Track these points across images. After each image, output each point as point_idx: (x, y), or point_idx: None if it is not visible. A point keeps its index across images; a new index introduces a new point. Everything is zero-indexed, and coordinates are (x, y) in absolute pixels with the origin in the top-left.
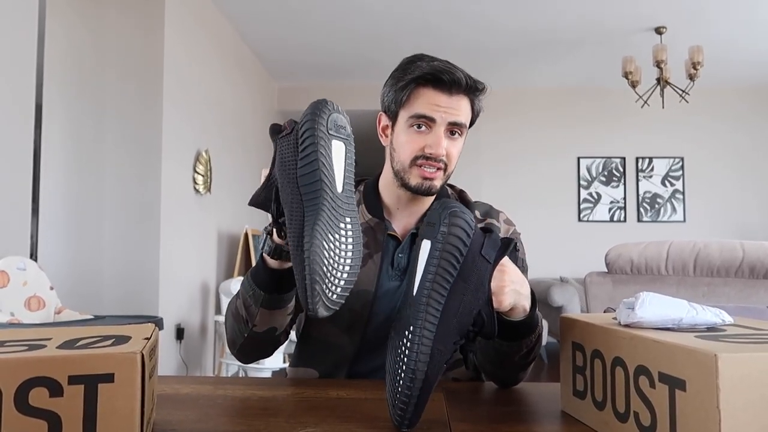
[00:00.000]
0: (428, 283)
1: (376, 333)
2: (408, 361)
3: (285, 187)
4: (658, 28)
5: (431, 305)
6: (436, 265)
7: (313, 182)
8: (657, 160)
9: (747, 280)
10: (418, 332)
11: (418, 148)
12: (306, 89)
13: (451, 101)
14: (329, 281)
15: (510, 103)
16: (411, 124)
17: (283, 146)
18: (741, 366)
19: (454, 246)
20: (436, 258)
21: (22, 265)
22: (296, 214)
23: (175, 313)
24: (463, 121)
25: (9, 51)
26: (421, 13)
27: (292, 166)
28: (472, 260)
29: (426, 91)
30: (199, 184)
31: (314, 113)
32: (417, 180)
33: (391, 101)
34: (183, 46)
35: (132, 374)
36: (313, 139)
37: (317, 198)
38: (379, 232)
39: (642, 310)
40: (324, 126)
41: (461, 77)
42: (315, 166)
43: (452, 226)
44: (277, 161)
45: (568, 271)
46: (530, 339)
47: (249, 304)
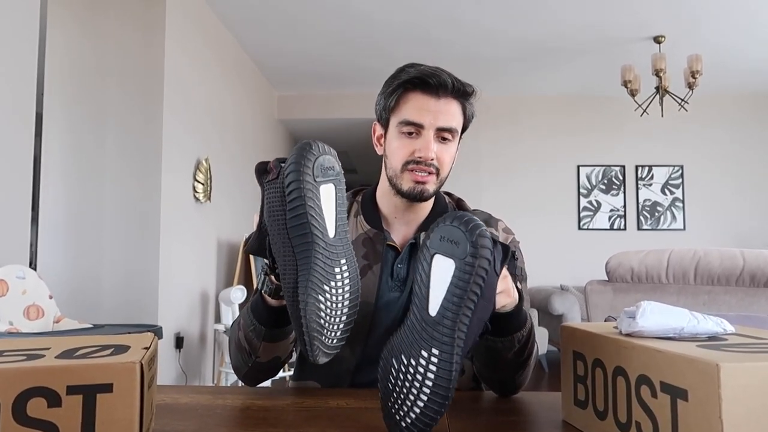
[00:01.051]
0: (454, 306)
1: (377, 344)
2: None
3: (275, 237)
4: (657, 37)
5: (459, 328)
6: (464, 289)
7: (303, 234)
8: (656, 168)
9: (748, 288)
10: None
11: (408, 153)
12: (306, 97)
13: (439, 105)
14: (328, 331)
15: (510, 111)
16: (401, 130)
17: (270, 193)
18: (743, 375)
19: (483, 269)
20: (464, 281)
21: (21, 274)
22: (289, 267)
23: (175, 322)
24: (452, 126)
25: (10, 60)
26: (421, 22)
27: (280, 215)
28: (491, 279)
29: (413, 95)
30: (199, 192)
31: (299, 161)
32: (409, 185)
33: (382, 108)
34: (183, 55)
35: (131, 384)
36: (299, 191)
37: (309, 250)
38: (377, 242)
39: (643, 319)
40: (310, 173)
41: (447, 80)
42: (304, 219)
43: (482, 248)
44: (265, 210)
45: (568, 280)
46: (521, 333)
47: (251, 338)
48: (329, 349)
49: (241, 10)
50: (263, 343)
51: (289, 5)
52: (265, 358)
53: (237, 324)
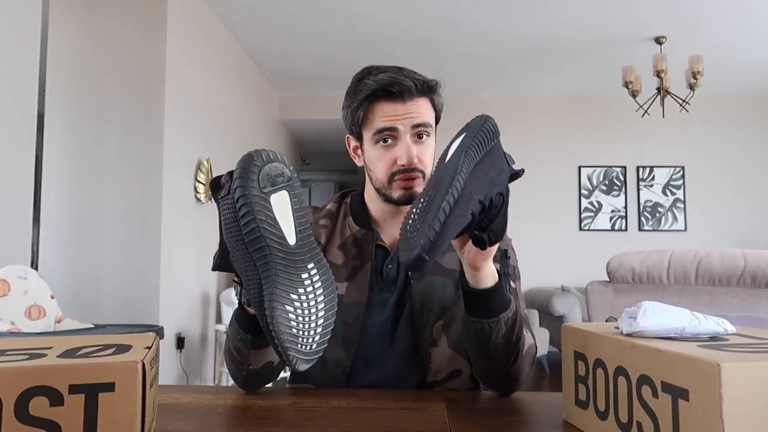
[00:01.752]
0: (462, 151)
1: (369, 345)
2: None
3: (235, 253)
4: (658, 38)
5: (469, 154)
6: (473, 138)
7: (260, 247)
8: (658, 169)
9: (749, 289)
10: (448, 178)
11: (390, 164)
12: (307, 98)
13: (408, 107)
14: (303, 338)
15: (510, 112)
16: (377, 140)
17: (225, 209)
18: (744, 375)
19: (488, 129)
20: (472, 136)
21: (22, 274)
22: (253, 282)
23: (176, 322)
24: (426, 121)
25: (11, 60)
26: (422, 23)
27: (236, 231)
28: (498, 150)
29: (380, 105)
30: (201, 192)
31: (243, 174)
32: (399, 192)
33: (351, 123)
34: (184, 56)
35: (133, 383)
36: (248, 206)
37: (269, 262)
38: (367, 242)
39: (644, 319)
40: (256, 186)
41: (410, 84)
42: (257, 233)
43: (487, 120)
44: (223, 227)
45: (569, 280)
46: (506, 314)
47: (240, 348)
48: (308, 355)
49: (242, 10)
50: (252, 351)
51: (290, 6)
52: (257, 364)
53: (227, 334)
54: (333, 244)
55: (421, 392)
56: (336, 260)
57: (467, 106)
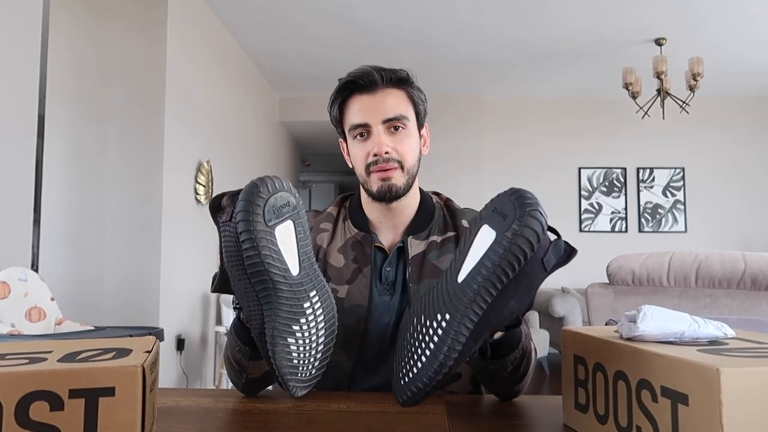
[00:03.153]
0: (480, 278)
1: (370, 349)
2: (436, 349)
3: (236, 281)
4: (658, 40)
5: (477, 302)
6: (496, 263)
7: (262, 280)
8: (658, 171)
9: (749, 291)
10: (456, 323)
11: (365, 156)
12: (307, 100)
13: (376, 99)
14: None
15: (511, 113)
16: (354, 136)
17: (226, 235)
18: (743, 380)
19: (521, 249)
20: (498, 254)
21: (23, 276)
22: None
23: (176, 324)
24: (398, 114)
25: (12, 62)
26: (422, 26)
27: (237, 260)
28: (531, 266)
29: (352, 100)
30: (201, 194)
31: (248, 208)
32: (376, 185)
33: (335, 124)
34: (185, 58)
35: (133, 388)
36: (252, 241)
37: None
38: (366, 245)
39: (644, 323)
40: (261, 219)
41: (375, 74)
42: (261, 267)
43: (527, 227)
44: (224, 253)
45: (569, 282)
46: (514, 355)
47: (239, 358)
48: (307, 381)
49: (243, 13)
50: (250, 362)
51: (291, 9)
52: (256, 374)
53: (226, 342)
54: (334, 247)
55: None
56: (337, 263)
57: (467, 108)
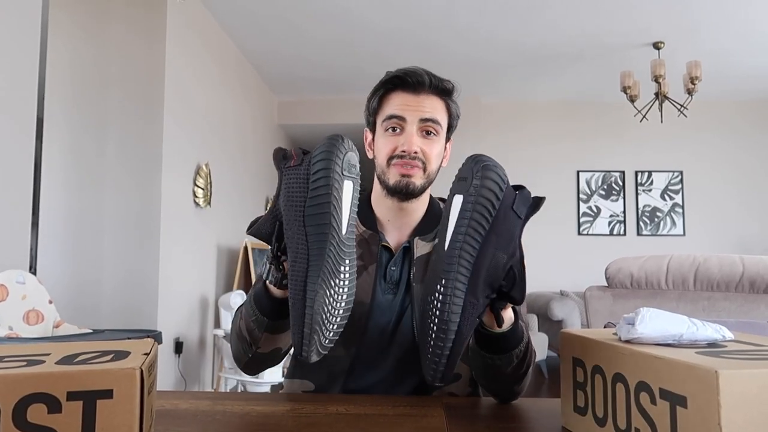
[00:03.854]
0: (461, 236)
1: (370, 346)
2: (441, 314)
3: (291, 224)
4: (656, 43)
5: (463, 257)
6: (469, 218)
7: (321, 224)
8: (656, 174)
9: (747, 294)
10: (450, 284)
11: (392, 149)
12: (306, 103)
13: (419, 100)
14: (325, 329)
15: (509, 117)
16: (385, 128)
17: (291, 179)
18: (742, 382)
19: (486, 199)
20: (468, 211)
21: (21, 279)
22: (300, 258)
23: (174, 327)
24: (435, 118)
25: (11, 64)
26: (421, 28)
27: (299, 203)
28: (504, 214)
29: (394, 94)
30: (199, 197)
31: (329, 151)
32: (395, 178)
33: (368, 113)
34: (184, 61)
35: (131, 390)
36: (327, 180)
37: (324, 243)
38: (373, 243)
39: (642, 326)
40: (339, 166)
41: (425, 77)
42: (326, 209)
43: (485, 179)
44: (283, 195)
45: (568, 285)
46: (519, 349)
47: (252, 329)
48: (323, 348)
49: (242, 16)
50: (264, 334)
51: (290, 12)
52: (266, 349)
53: (240, 313)
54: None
55: (420, 398)
56: None
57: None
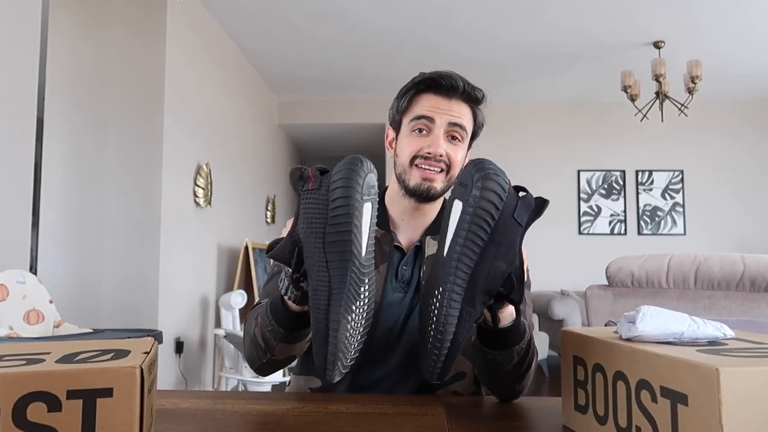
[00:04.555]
0: (458, 246)
1: (378, 344)
2: (437, 321)
3: (311, 250)
4: (656, 43)
5: (461, 268)
6: (467, 229)
7: (342, 251)
8: (657, 173)
9: (748, 293)
10: (447, 294)
11: (416, 149)
12: (306, 103)
13: (451, 104)
14: (348, 352)
15: (510, 117)
16: (412, 128)
17: (310, 203)
18: (743, 380)
19: (485, 211)
20: (467, 222)
21: (21, 279)
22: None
23: (175, 327)
24: (463, 124)
25: (10, 65)
26: (421, 28)
27: (319, 228)
28: (504, 224)
29: (425, 95)
30: (200, 197)
31: (350, 176)
32: (416, 180)
33: (395, 112)
34: (184, 61)
35: (131, 389)
36: (348, 208)
37: (345, 270)
38: (384, 242)
39: (643, 324)
40: (359, 191)
41: (459, 82)
42: (347, 237)
43: (485, 190)
44: (302, 219)
45: (568, 284)
46: (520, 346)
47: (268, 338)
48: (344, 368)
49: (242, 16)
50: (280, 344)
51: (290, 12)
52: (281, 356)
53: (254, 320)
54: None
55: (421, 397)
56: None
57: None
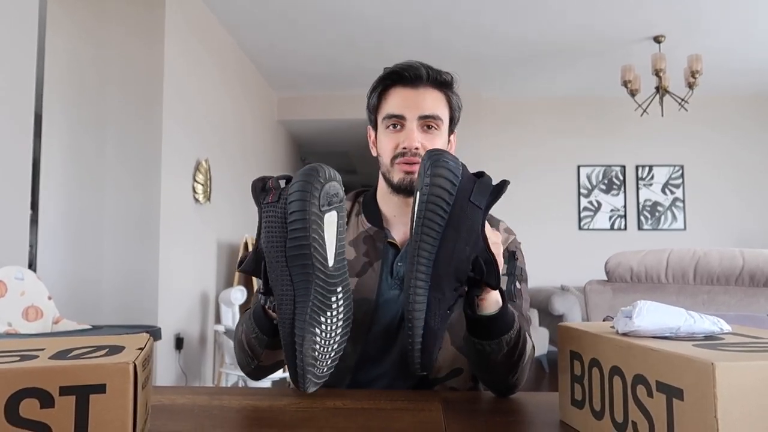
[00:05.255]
0: (416, 235)
1: (376, 342)
2: (406, 310)
3: (273, 264)
4: (656, 37)
5: (422, 255)
6: (423, 217)
7: (303, 264)
8: (657, 168)
9: (747, 288)
10: (412, 282)
11: (393, 147)
12: (305, 99)
13: (418, 95)
14: (320, 362)
15: (510, 112)
16: (386, 125)
17: (270, 217)
18: (739, 375)
19: (437, 197)
20: (422, 210)
21: (19, 275)
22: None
23: (175, 323)
24: (435, 114)
25: (8, 62)
26: (422, 23)
27: (280, 243)
28: (461, 208)
29: (393, 90)
30: (199, 193)
31: (304, 190)
32: (399, 176)
33: (369, 111)
34: (183, 57)
35: (124, 385)
36: (304, 222)
37: (308, 281)
38: (378, 240)
39: (639, 318)
40: (317, 203)
41: (422, 70)
42: (306, 250)
43: (434, 176)
44: (263, 235)
45: (568, 280)
46: (509, 336)
47: (254, 345)
48: (319, 378)
49: (241, 12)
50: (265, 350)
51: (289, 7)
52: (268, 362)
53: (242, 326)
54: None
55: (418, 393)
56: (348, 256)
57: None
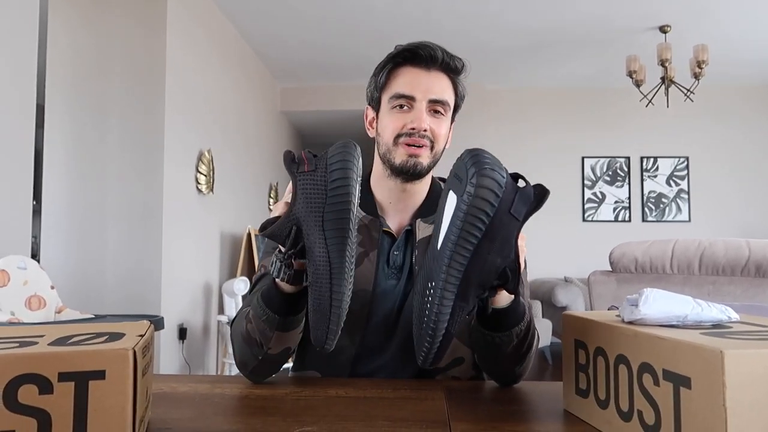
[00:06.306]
0: (451, 243)
1: (374, 333)
2: (429, 315)
3: (311, 227)
4: (662, 27)
5: (453, 266)
6: (460, 227)
7: (340, 228)
8: (662, 160)
9: (753, 278)
10: (439, 292)
11: (399, 126)
12: (309, 89)
13: (430, 77)
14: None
15: (515, 102)
16: (393, 105)
17: (308, 185)
18: (747, 363)
19: (479, 209)
20: (460, 219)
21: (22, 264)
22: (322, 259)
23: (178, 313)
24: (445, 99)
25: (9, 52)
26: (426, 13)
27: (318, 209)
28: (500, 220)
29: (404, 69)
30: (202, 183)
31: (347, 160)
32: (402, 158)
33: (373, 89)
34: (185, 47)
35: (123, 371)
36: (347, 188)
37: (343, 245)
38: (373, 229)
39: (646, 306)
40: (355, 172)
41: (438, 52)
42: (346, 215)
43: (479, 188)
44: (301, 200)
45: (572, 272)
46: (519, 328)
47: (263, 329)
48: (336, 336)
49: (244, 2)
50: (276, 332)
51: None
52: (277, 349)
53: (245, 317)
54: None
55: (420, 381)
56: None
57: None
